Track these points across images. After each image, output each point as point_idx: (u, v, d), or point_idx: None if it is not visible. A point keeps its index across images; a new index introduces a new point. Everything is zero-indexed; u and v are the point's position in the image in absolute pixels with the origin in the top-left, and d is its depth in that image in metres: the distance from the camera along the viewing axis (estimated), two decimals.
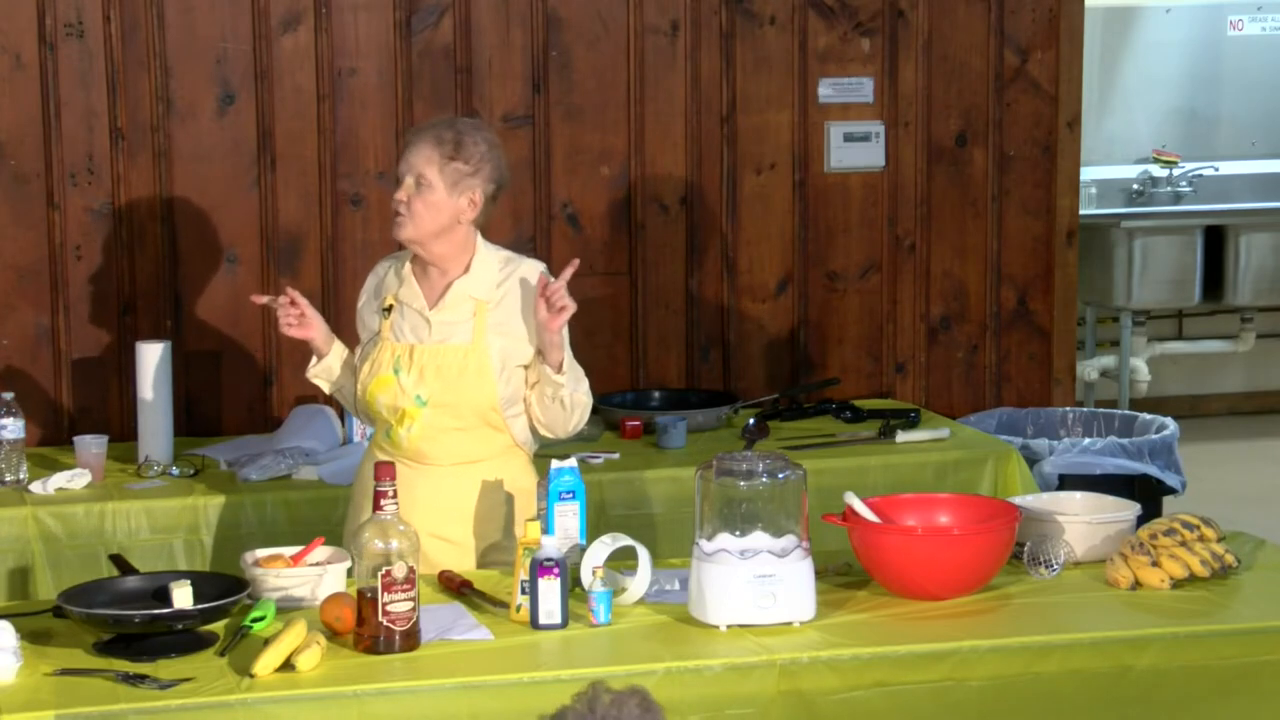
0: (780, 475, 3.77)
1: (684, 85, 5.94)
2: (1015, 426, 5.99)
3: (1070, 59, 6.21)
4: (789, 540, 3.71)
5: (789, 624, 3.67)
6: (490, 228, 5.81)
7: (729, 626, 3.65)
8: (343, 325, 5.73)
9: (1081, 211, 6.42)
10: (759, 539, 3.71)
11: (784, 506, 3.77)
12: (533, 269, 4.27)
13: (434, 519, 4.10)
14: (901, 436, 5.46)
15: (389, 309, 4.26)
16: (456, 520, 4.16)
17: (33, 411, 5.37)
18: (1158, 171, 8.83)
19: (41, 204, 5.52)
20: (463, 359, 4.17)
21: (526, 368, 4.21)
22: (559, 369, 4.15)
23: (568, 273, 4.16)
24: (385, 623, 3.50)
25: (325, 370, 4.37)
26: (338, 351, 4.37)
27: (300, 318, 4.28)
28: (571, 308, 4.12)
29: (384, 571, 3.49)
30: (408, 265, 4.30)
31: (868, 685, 3.54)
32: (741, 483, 3.76)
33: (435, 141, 4.16)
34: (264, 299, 4.32)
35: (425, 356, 4.18)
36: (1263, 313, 8.83)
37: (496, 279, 4.23)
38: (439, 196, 4.15)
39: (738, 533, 3.72)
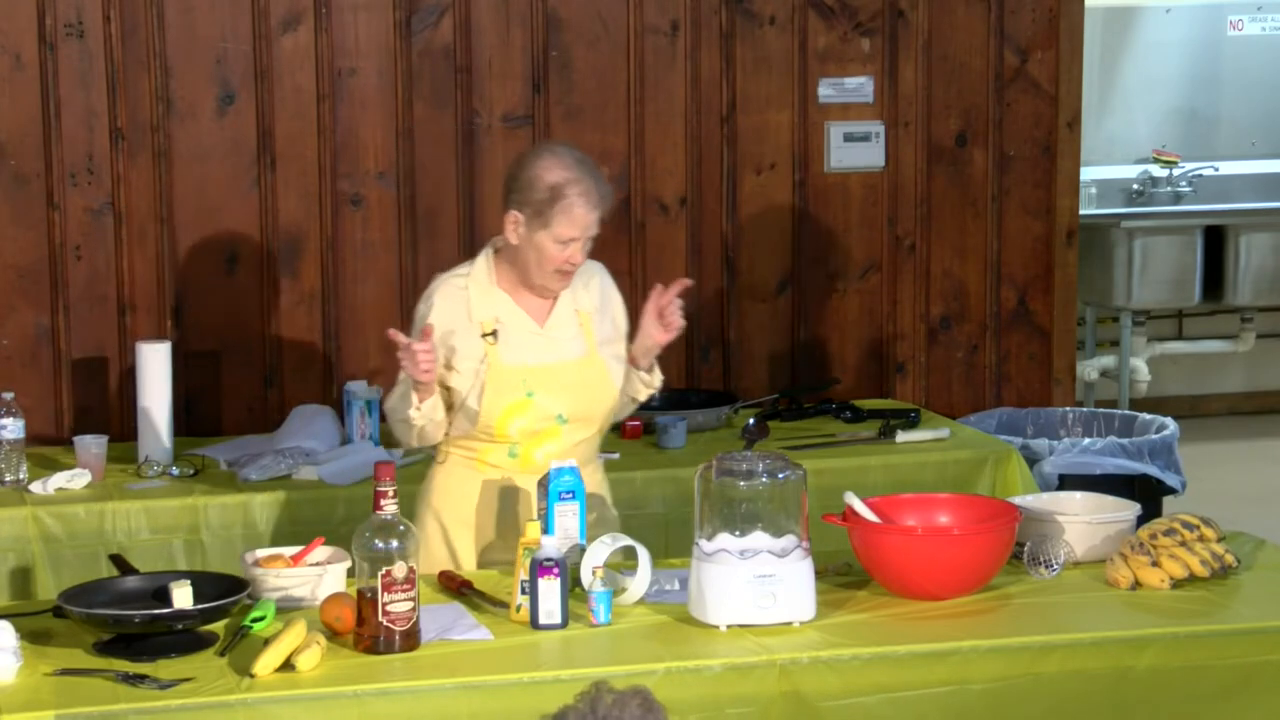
0: (780, 475, 3.78)
1: (684, 85, 5.94)
2: (1015, 426, 5.99)
3: (1070, 59, 6.21)
4: (789, 540, 3.71)
5: (789, 624, 3.67)
6: (493, 227, 5.83)
7: (729, 626, 3.65)
8: (343, 324, 5.74)
9: (1081, 211, 6.42)
10: (759, 539, 3.71)
11: (784, 506, 3.77)
12: (609, 281, 4.35)
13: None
14: (901, 436, 5.46)
15: (493, 333, 4.18)
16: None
17: (33, 411, 5.37)
18: (1158, 171, 8.83)
19: (41, 204, 5.52)
20: (586, 370, 4.20)
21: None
22: (649, 371, 4.27)
23: (675, 289, 4.19)
24: (385, 623, 3.50)
25: (432, 408, 4.14)
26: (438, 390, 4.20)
27: (430, 359, 4.08)
28: (682, 325, 4.19)
29: (384, 571, 3.49)
30: (495, 287, 4.21)
31: (868, 686, 3.54)
32: (741, 483, 3.76)
33: (601, 202, 4.15)
34: (401, 340, 4.09)
35: (554, 375, 4.17)
36: (1263, 313, 8.83)
37: (584, 285, 4.27)
38: (588, 243, 4.19)
39: (738, 533, 3.72)
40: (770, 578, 3.65)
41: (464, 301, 4.20)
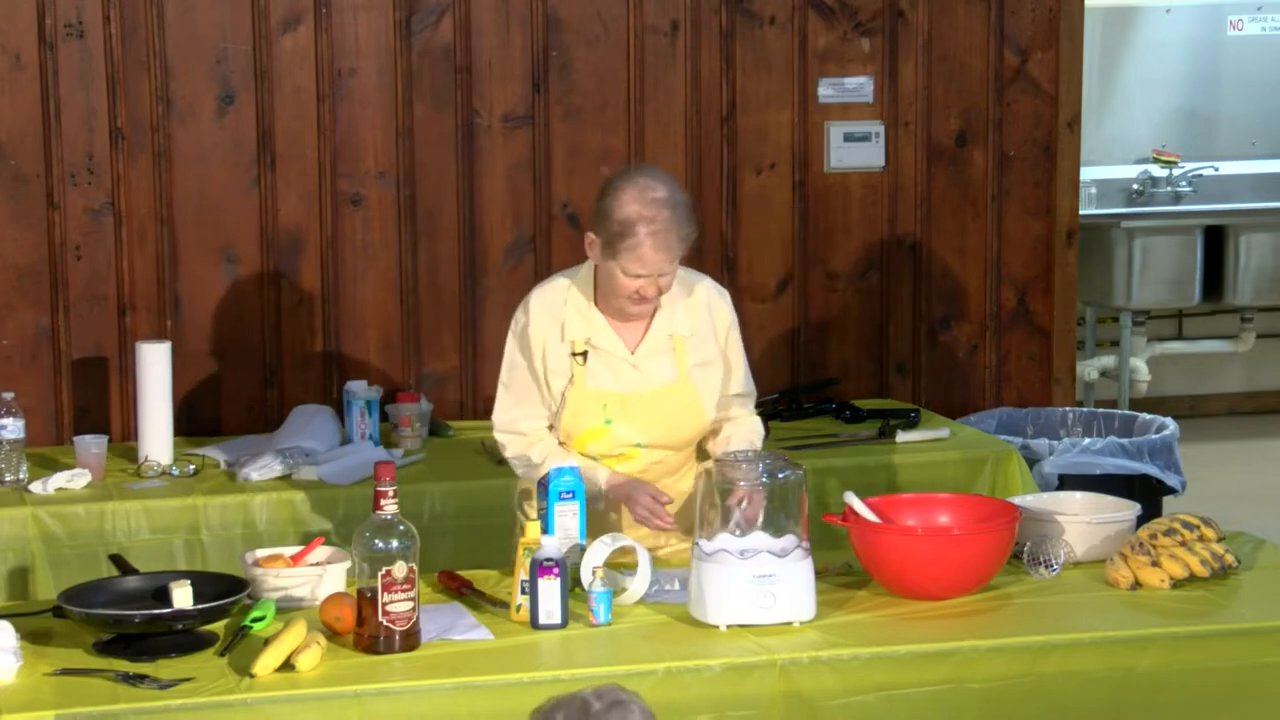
0: (780, 475, 3.78)
1: (684, 85, 5.94)
2: (1015, 426, 5.99)
3: (1070, 59, 6.21)
4: (789, 540, 3.71)
5: (789, 624, 3.67)
6: (493, 227, 5.86)
7: (729, 626, 3.65)
8: (343, 324, 5.74)
9: (1081, 211, 6.42)
10: (759, 539, 3.71)
11: (784, 506, 3.77)
12: (715, 296, 4.21)
13: (643, 533, 4.11)
14: (901, 436, 5.46)
15: (583, 354, 4.12)
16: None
17: (33, 411, 5.37)
18: (1158, 171, 8.82)
19: (41, 204, 5.52)
20: (672, 399, 4.13)
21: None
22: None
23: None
24: (385, 623, 3.50)
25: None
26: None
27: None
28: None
29: (384, 571, 3.49)
30: (592, 306, 4.13)
31: (868, 686, 3.54)
32: (741, 483, 3.76)
33: (678, 243, 4.02)
34: (659, 520, 4.02)
35: (636, 404, 4.12)
36: (1263, 313, 8.83)
37: (685, 307, 4.15)
38: (670, 277, 4.07)
39: (737, 533, 3.73)
40: (770, 578, 3.65)
41: (559, 317, 4.12)
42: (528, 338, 4.13)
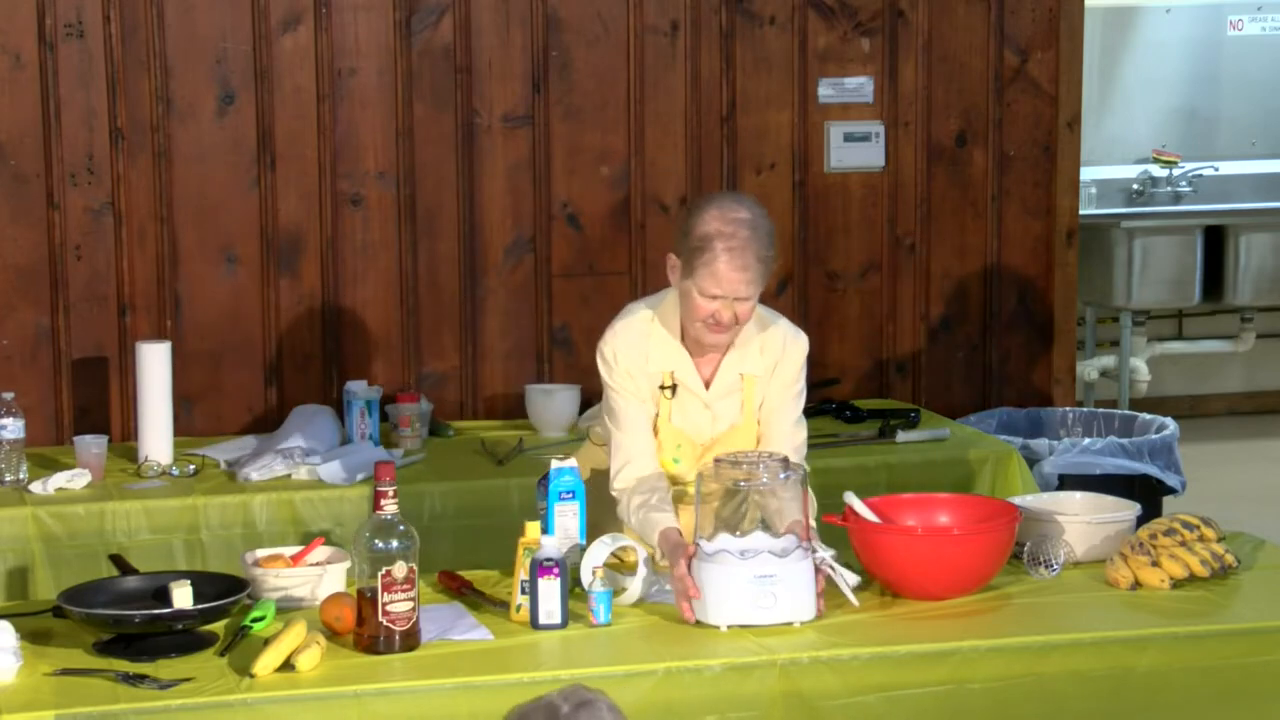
0: (781, 475, 3.78)
1: (684, 85, 5.94)
2: (1015, 426, 5.98)
3: (1070, 59, 6.21)
4: (789, 540, 3.71)
5: (789, 624, 3.67)
6: (493, 227, 5.86)
7: (729, 627, 3.65)
8: (343, 324, 5.74)
9: (1081, 211, 6.42)
10: (759, 539, 3.71)
11: (785, 507, 3.77)
12: (791, 336, 4.09)
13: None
14: (901, 436, 5.46)
15: (672, 387, 4.03)
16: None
17: (33, 411, 5.36)
18: (1158, 171, 8.82)
19: (41, 204, 5.52)
20: (736, 441, 4.03)
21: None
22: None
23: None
24: (385, 623, 3.50)
25: None
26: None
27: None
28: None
29: (384, 571, 3.49)
30: (675, 338, 4.04)
31: (868, 686, 3.54)
32: (742, 482, 3.76)
33: (756, 264, 3.92)
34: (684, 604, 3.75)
35: (703, 449, 4.04)
36: (1263, 313, 8.82)
37: (760, 344, 4.06)
38: (748, 303, 3.98)
39: (738, 533, 3.73)
40: (771, 578, 3.64)
41: (644, 348, 4.03)
42: (623, 372, 4.02)
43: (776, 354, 4.07)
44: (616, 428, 4.04)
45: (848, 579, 3.77)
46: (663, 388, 4.04)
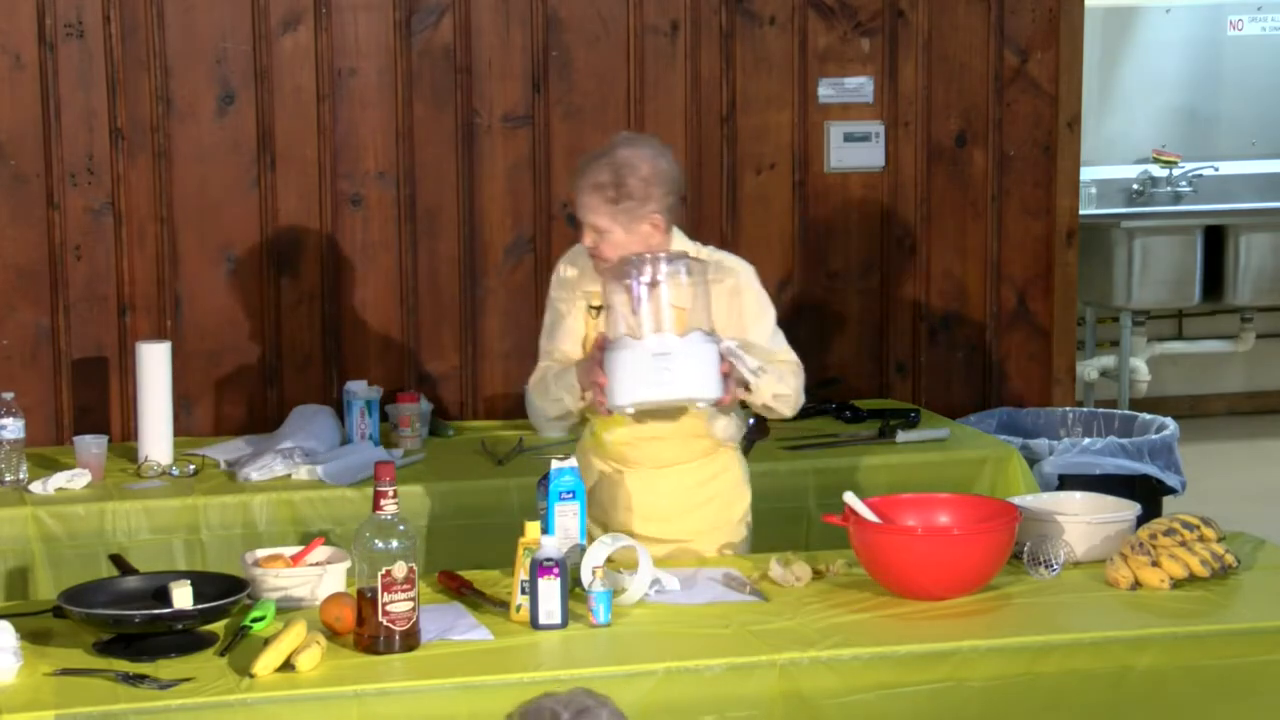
0: (672, 264, 3.91)
1: (684, 85, 5.94)
2: (1015, 426, 5.99)
3: (1070, 59, 6.21)
4: (696, 332, 3.84)
5: (691, 400, 3.77)
6: (493, 227, 5.86)
7: (634, 406, 3.73)
8: (343, 324, 5.74)
9: (1081, 211, 6.42)
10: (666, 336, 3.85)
11: (696, 313, 3.92)
12: (735, 271, 4.21)
13: (639, 521, 4.18)
14: (901, 436, 5.46)
15: (598, 308, 4.16)
16: (657, 520, 4.19)
17: (33, 411, 5.36)
18: (1158, 171, 8.83)
19: (41, 204, 5.52)
20: None
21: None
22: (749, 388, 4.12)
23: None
24: (385, 623, 3.50)
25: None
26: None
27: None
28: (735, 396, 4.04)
29: (384, 571, 3.49)
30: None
31: (868, 685, 3.54)
32: (641, 276, 3.91)
33: (595, 189, 4.07)
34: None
35: None
36: (1263, 313, 8.83)
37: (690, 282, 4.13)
38: (619, 237, 4.08)
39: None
40: (668, 355, 3.78)
41: (585, 266, 4.21)
42: (565, 283, 4.23)
43: (716, 291, 4.13)
44: (545, 337, 4.23)
45: (748, 363, 3.90)
46: (591, 307, 4.16)
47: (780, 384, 4.14)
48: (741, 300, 4.20)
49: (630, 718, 2.51)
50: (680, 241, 4.20)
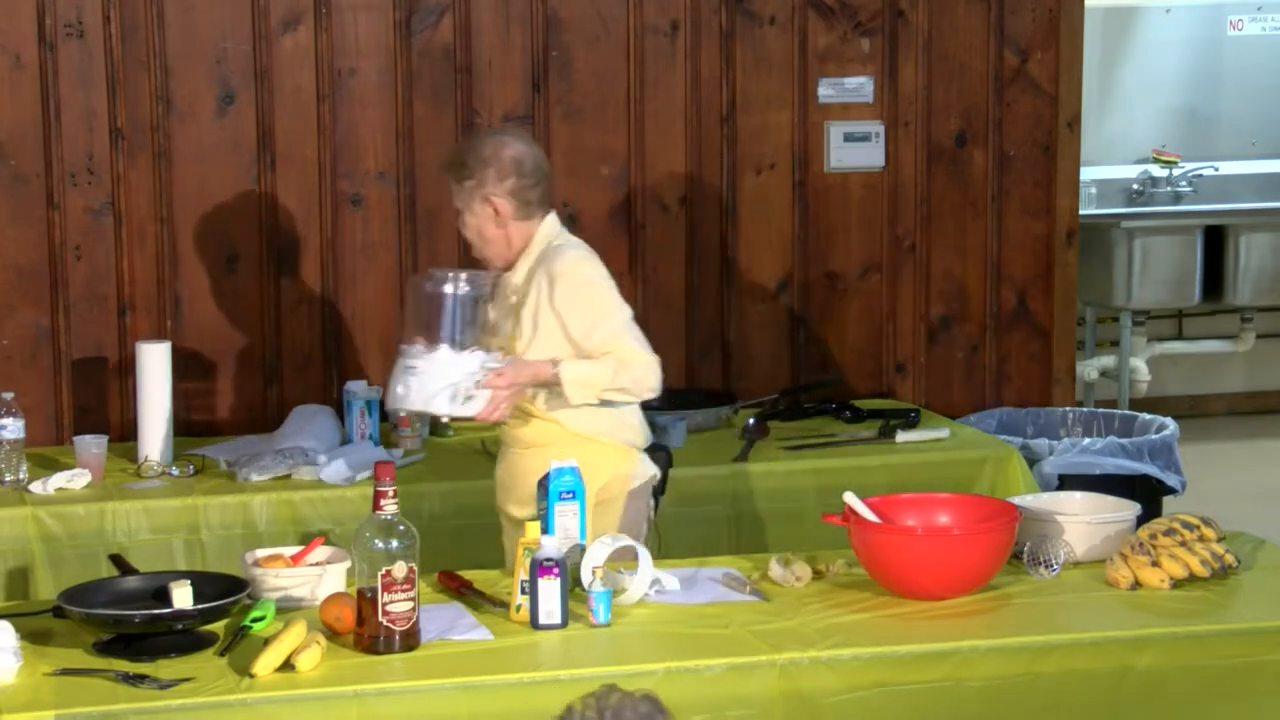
0: (463, 289, 4.09)
1: (684, 85, 5.94)
2: (1015, 426, 5.99)
3: (1070, 59, 6.21)
4: (462, 348, 4.06)
5: (425, 413, 4.19)
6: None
7: (392, 410, 4.16)
8: (343, 324, 5.74)
9: (1081, 211, 6.42)
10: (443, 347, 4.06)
11: (470, 320, 4.10)
12: (561, 259, 4.28)
13: (509, 500, 4.37)
14: (901, 436, 5.46)
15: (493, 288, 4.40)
16: (525, 502, 4.25)
17: (33, 411, 5.36)
18: (1158, 171, 8.83)
19: (41, 204, 5.52)
20: (505, 353, 4.24)
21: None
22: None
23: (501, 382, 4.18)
24: (385, 623, 3.50)
25: None
26: None
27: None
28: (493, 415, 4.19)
29: (384, 571, 3.49)
30: None
31: (868, 685, 3.54)
32: (427, 291, 4.12)
33: (445, 169, 4.37)
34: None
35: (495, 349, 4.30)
36: (1263, 313, 8.83)
37: (528, 272, 4.30)
38: (467, 218, 4.32)
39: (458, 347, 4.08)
40: (411, 369, 4.07)
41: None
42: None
43: (540, 279, 4.26)
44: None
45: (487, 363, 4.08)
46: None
47: (607, 381, 4.20)
48: (555, 290, 4.26)
49: None
50: (546, 230, 4.32)
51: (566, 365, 4.20)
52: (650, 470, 4.41)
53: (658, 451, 4.45)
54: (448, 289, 4.12)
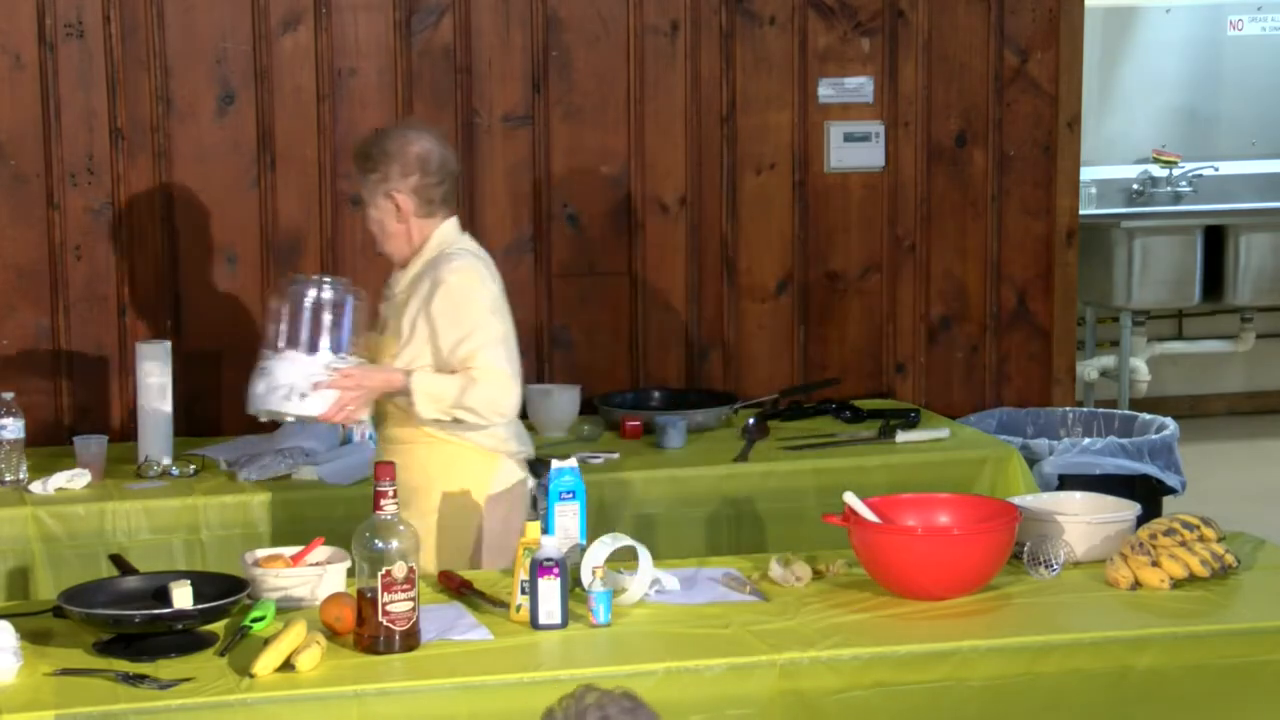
0: (307, 292, 4.19)
1: (684, 85, 5.94)
2: (1015, 426, 5.99)
3: (1070, 59, 6.21)
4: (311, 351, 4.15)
5: (272, 414, 4.19)
6: (493, 227, 5.85)
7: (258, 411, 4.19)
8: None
9: (1081, 211, 6.42)
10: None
11: (325, 324, 4.19)
12: (447, 266, 4.29)
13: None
14: (901, 436, 5.46)
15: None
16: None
17: (33, 411, 5.36)
18: (1158, 171, 8.83)
19: (41, 204, 5.52)
20: (383, 343, 4.34)
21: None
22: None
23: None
24: (385, 623, 3.50)
25: None
26: None
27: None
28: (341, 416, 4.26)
29: (384, 571, 3.49)
30: None
31: (867, 685, 3.54)
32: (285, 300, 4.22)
33: (354, 162, 4.46)
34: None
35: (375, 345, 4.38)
36: (1263, 313, 8.83)
37: (416, 274, 4.33)
38: (370, 211, 4.39)
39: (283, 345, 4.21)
40: (260, 369, 4.17)
41: None
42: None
43: (421, 287, 4.29)
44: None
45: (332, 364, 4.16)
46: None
47: (454, 398, 4.19)
48: (434, 296, 4.27)
49: None
50: (445, 233, 4.37)
51: (418, 376, 4.20)
52: (517, 477, 4.34)
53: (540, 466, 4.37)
54: (299, 292, 4.21)
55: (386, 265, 5.74)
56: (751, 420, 5.54)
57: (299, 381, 4.16)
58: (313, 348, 4.18)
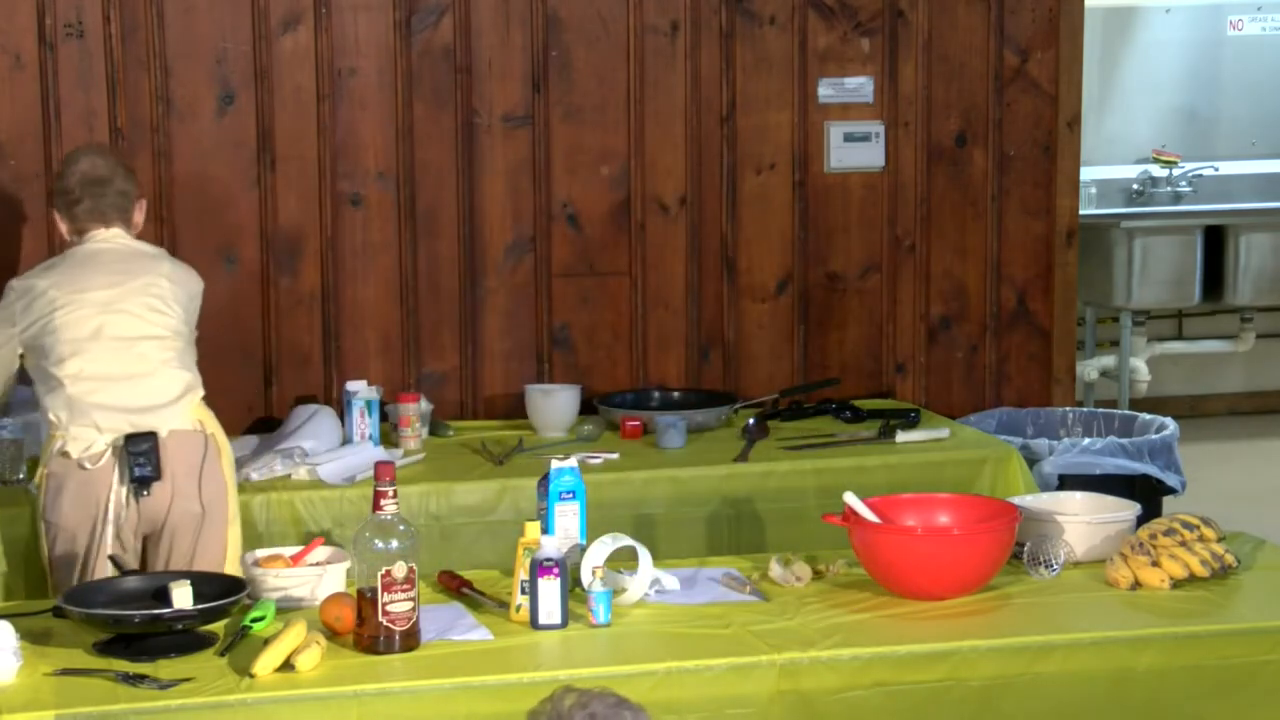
0: None
1: (684, 85, 5.94)
2: (1015, 426, 5.98)
3: (1070, 59, 6.21)
4: None
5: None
6: (493, 227, 5.85)
7: None
8: (343, 324, 5.74)
9: (1081, 211, 6.42)
10: None
11: None
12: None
13: None
14: (901, 436, 5.46)
15: None
16: None
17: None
18: (1158, 171, 8.82)
19: (41, 204, 5.51)
20: None
21: None
22: None
23: None
24: (385, 623, 3.50)
25: None
26: None
27: None
28: None
29: (384, 571, 3.49)
30: None
31: (867, 685, 3.54)
32: None
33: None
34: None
35: None
36: (1263, 313, 8.82)
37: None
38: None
39: None
40: None
41: None
42: None
43: None
44: None
45: None
46: None
47: None
48: None
49: None
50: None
51: None
52: (61, 448, 4.47)
53: (141, 441, 4.45)
54: None
55: (390, 262, 5.76)
56: (751, 420, 5.54)
57: None
58: None
